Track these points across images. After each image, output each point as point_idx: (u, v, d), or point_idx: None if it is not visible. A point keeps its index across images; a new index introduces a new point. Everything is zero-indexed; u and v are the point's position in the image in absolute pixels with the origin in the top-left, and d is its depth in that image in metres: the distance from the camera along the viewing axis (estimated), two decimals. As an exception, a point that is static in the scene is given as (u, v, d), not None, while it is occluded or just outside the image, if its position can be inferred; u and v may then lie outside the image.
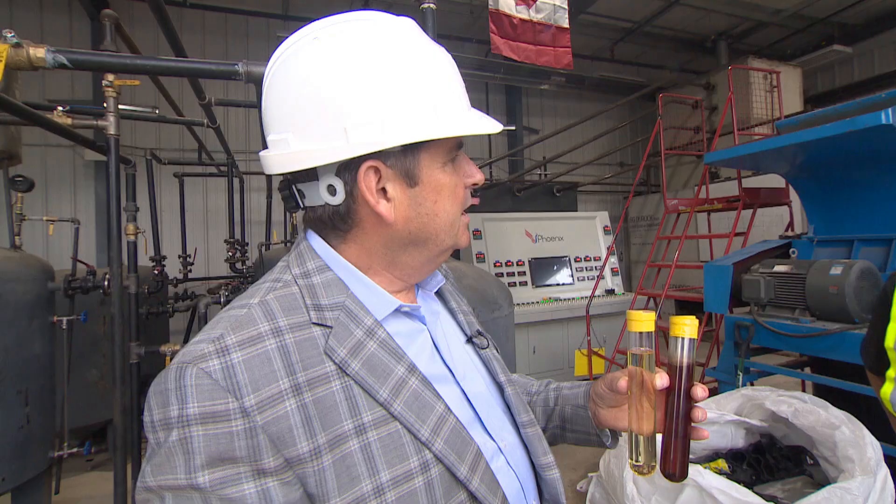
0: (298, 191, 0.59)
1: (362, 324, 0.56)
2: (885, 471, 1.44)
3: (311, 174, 0.57)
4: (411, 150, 0.56)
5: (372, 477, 0.50)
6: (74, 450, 2.44)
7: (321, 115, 0.53)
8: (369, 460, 0.50)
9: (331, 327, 0.54)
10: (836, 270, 2.32)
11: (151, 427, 0.48)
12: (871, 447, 1.53)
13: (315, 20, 0.56)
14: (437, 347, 0.63)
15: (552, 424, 0.79)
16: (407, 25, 0.57)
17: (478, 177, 0.63)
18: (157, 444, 0.47)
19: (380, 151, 0.54)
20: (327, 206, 0.58)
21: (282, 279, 0.58)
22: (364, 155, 0.54)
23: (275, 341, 0.51)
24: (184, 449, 0.46)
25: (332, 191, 0.56)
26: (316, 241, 0.61)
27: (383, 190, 0.56)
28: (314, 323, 0.54)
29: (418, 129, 0.54)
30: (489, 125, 0.58)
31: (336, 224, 0.59)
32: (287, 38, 0.56)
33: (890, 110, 2.09)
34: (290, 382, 0.50)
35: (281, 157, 0.55)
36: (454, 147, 0.59)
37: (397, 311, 0.60)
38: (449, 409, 0.57)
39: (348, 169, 0.55)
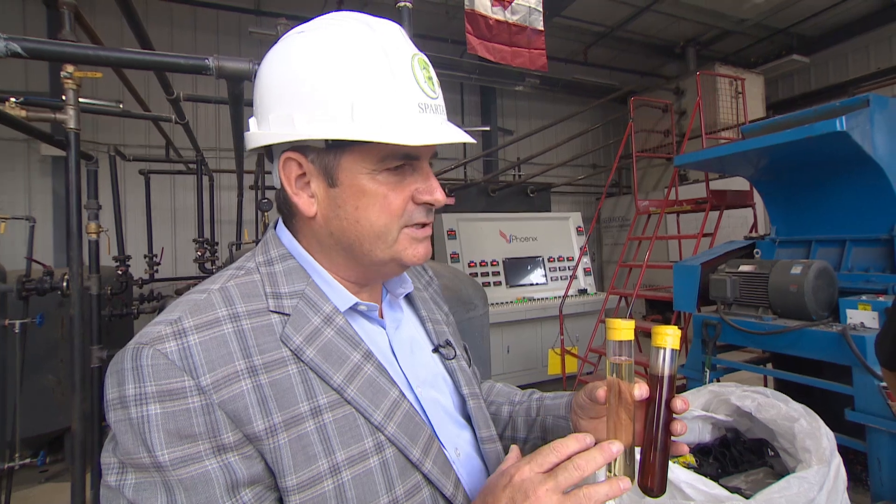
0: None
1: (321, 311, 0.56)
2: (837, 460, 1.51)
3: (271, 157, 0.60)
4: (334, 149, 0.55)
5: (328, 456, 0.51)
6: (27, 460, 2.32)
7: (261, 104, 0.57)
8: (325, 441, 0.52)
9: (289, 315, 0.55)
10: (796, 270, 2.43)
11: (109, 406, 0.48)
12: (826, 438, 1.60)
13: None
14: (394, 353, 0.63)
15: (533, 435, 0.79)
16: (358, 28, 0.55)
17: (436, 195, 0.57)
18: (116, 422, 0.47)
19: (300, 144, 0.55)
20: (278, 191, 0.60)
21: (244, 267, 0.59)
22: (284, 144, 0.56)
23: (231, 326, 0.52)
24: (142, 427, 0.46)
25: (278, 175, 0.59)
26: (282, 232, 0.63)
27: (309, 185, 0.57)
28: (272, 311, 0.55)
29: (322, 129, 0.53)
30: (420, 136, 0.52)
31: (282, 209, 0.62)
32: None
33: (844, 118, 2.21)
34: (246, 364, 0.50)
35: (246, 135, 0.61)
36: (392, 156, 0.55)
37: (355, 309, 0.61)
38: (403, 394, 0.58)
39: (275, 156, 0.58)
